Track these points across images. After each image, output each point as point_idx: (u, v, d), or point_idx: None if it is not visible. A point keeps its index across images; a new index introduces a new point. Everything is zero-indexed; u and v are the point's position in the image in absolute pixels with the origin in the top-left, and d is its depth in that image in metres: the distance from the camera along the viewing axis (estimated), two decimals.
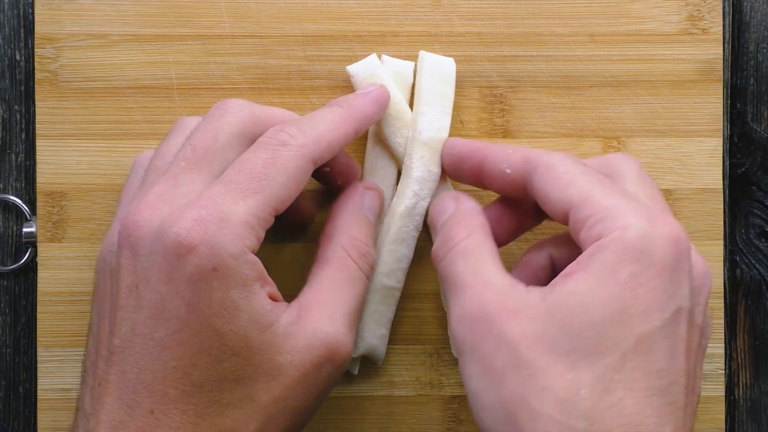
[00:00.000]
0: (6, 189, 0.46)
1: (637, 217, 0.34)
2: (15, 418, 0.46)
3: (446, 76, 0.43)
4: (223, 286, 0.34)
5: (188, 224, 0.34)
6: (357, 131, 0.40)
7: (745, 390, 0.47)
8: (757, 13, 0.47)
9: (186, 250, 0.34)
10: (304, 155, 0.37)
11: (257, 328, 0.35)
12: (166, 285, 0.34)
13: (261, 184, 0.36)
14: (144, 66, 0.45)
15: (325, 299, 0.38)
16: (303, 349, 0.36)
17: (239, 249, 0.34)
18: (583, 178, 0.36)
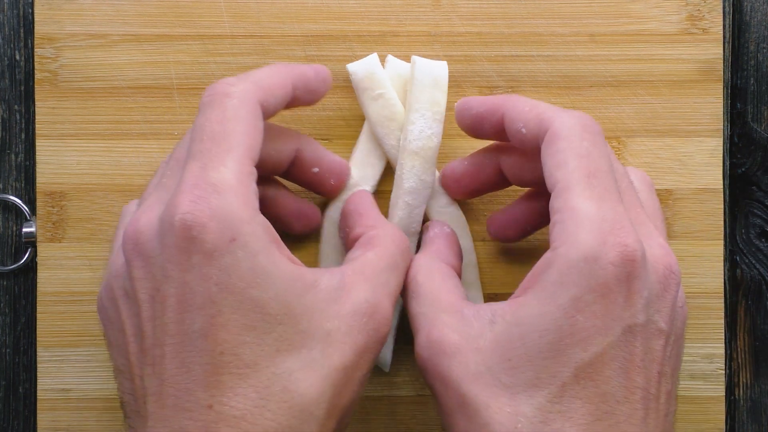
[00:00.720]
0: (6, 189, 0.46)
1: (591, 233, 0.33)
2: (15, 418, 0.46)
3: (438, 80, 0.42)
4: (248, 254, 0.33)
5: (188, 206, 0.33)
6: (294, 86, 0.39)
7: (745, 390, 0.47)
8: (757, 13, 0.47)
9: (198, 230, 0.32)
10: (249, 99, 0.36)
11: (296, 292, 0.33)
12: (189, 272, 0.33)
13: (227, 142, 0.34)
14: (144, 66, 0.45)
15: (369, 274, 0.36)
16: (349, 316, 0.35)
17: (248, 212, 0.33)
18: (575, 162, 0.35)
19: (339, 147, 0.45)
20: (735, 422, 0.47)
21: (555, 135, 0.36)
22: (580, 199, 0.34)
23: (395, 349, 0.45)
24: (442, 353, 0.35)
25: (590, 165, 0.35)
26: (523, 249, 0.45)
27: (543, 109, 0.38)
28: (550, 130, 0.36)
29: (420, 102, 0.42)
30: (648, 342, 0.34)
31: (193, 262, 0.33)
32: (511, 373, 0.34)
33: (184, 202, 0.33)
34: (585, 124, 0.36)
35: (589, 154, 0.35)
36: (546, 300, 0.34)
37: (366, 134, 0.44)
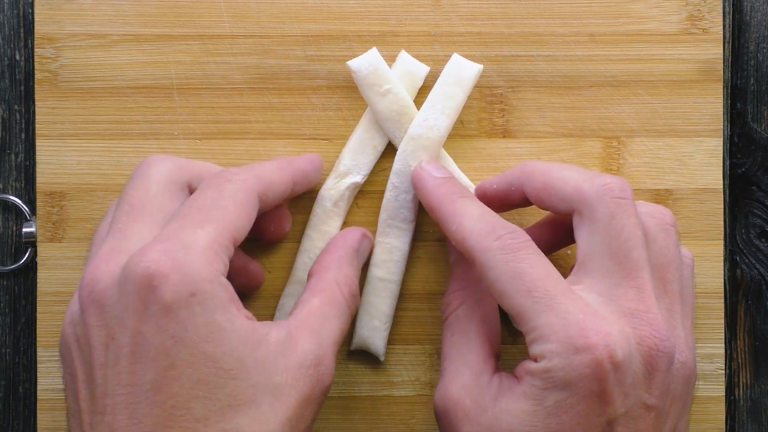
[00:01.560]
0: (6, 189, 0.46)
1: (560, 344, 0.35)
2: (15, 418, 0.46)
3: (462, 79, 0.43)
4: (205, 310, 0.33)
5: (155, 255, 0.33)
6: (295, 182, 0.41)
7: (745, 390, 0.47)
8: (757, 13, 0.47)
9: (159, 280, 0.33)
10: (249, 188, 0.38)
11: (249, 347, 0.34)
12: (145, 323, 0.33)
13: (213, 214, 0.36)
14: (144, 66, 0.45)
15: (314, 326, 0.38)
16: (296, 369, 0.36)
17: (211, 273, 0.34)
18: (513, 286, 0.36)
19: (339, 147, 0.45)
20: (735, 422, 0.47)
21: (483, 267, 0.37)
22: (536, 316, 0.36)
23: (395, 349, 0.45)
24: (455, 415, 0.38)
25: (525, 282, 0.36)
26: None
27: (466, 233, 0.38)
28: (476, 262, 0.38)
29: (436, 94, 0.43)
30: (635, 424, 0.36)
31: (151, 312, 0.33)
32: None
33: (152, 252, 0.34)
34: (505, 246, 0.37)
35: (521, 273, 0.37)
36: (533, 401, 0.36)
37: (363, 126, 0.44)
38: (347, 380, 0.45)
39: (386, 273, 0.43)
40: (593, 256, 0.38)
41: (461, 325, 0.40)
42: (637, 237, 0.37)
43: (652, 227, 0.39)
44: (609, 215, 0.37)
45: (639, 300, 0.37)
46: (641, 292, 0.37)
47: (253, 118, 0.45)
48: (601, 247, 0.37)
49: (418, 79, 0.44)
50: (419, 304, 0.45)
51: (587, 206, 0.38)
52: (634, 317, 0.36)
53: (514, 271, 0.37)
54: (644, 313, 0.37)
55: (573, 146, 0.45)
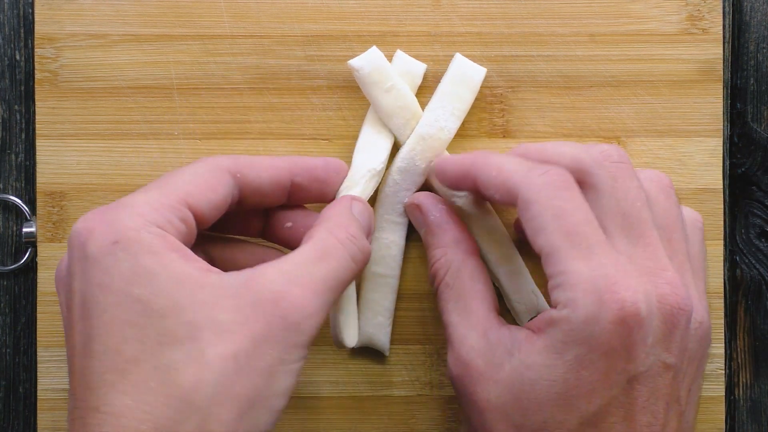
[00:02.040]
0: (6, 189, 0.46)
1: (587, 296, 0.35)
2: (15, 418, 0.46)
3: (470, 81, 0.43)
4: (130, 255, 0.34)
5: (89, 216, 0.35)
6: (292, 172, 0.40)
7: (745, 390, 0.47)
8: (757, 13, 0.47)
9: (85, 236, 0.34)
10: (215, 162, 0.38)
11: (187, 288, 0.34)
12: (80, 280, 0.34)
13: (163, 182, 0.36)
14: (144, 66, 0.45)
15: (288, 268, 0.35)
16: (248, 306, 0.34)
17: (138, 222, 0.34)
18: (554, 224, 0.36)
19: (339, 147, 0.45)
20: (735, 422, 0.47)
21: (525, 201, 0.37)
22: (568, 261, 0.35)
23: (395, 349, 0.45)
24: (469, 377, 0.38)
25: (567, 223, 0.36)
26: None
27: (509, 173, 0.38)
28: (519, 197, 0.37)
29: (444, 94, 0.43)
30: (654, 382, 0.36)
31: (82, 268, 0.34)
32: (522, 414, 0.36)
33: (88, 214, 0.35)
34: (550, 181, 0.37)
35: (563, 212, 0.36)
36: (553, 354, 0.35)
37: (369, 123, 0.44)
38: (347, 380, 0.45)
39: (385, 268, 0.44)
40: (605, 219, 0.37)
41: (453, 291, 0.40)
42: (642, 198, 0.38)
43: (653, 190, 0.40)
44: (612, 179, 0.38)
45: (655, 259, 0.37)
46: (656, 252, 0.37)
47: (253, 118, 0.45)
48: (611, 210, 0.37)
49: (417, 77, 0.44)
50: (419, 303, 0.45)
51: (589, 174, 0.38)
52: (654, 275, 0.36)
53: (557, 209, 0.36)
54: (662, 271, 0.37)
55: None
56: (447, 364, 0.39)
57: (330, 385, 0.45)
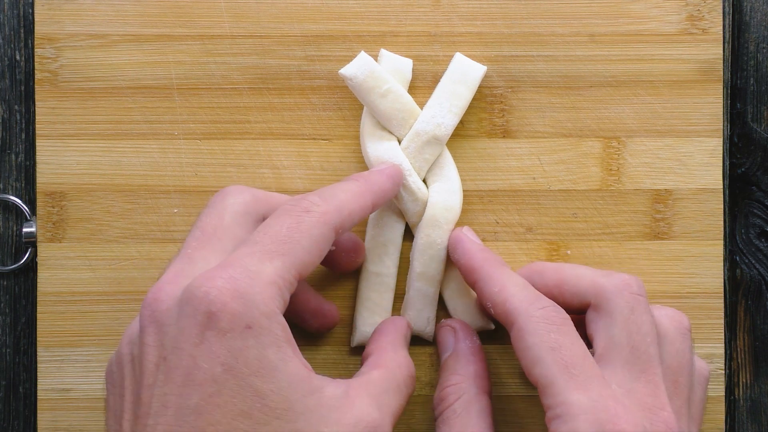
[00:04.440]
0: (6, 189, 0.46)
1: (590, 425, 0.35)
2: (15, 418, 0.46)
3: (468, 79, 0.43)
4: (259, 344, 0.33)
5: (218, 282, 0.33)
6: (375, 205, 0.40)
7: (745, 390, 0.47)
8: (757, 13, 0.47)
9: (218, 307, 0.33)
10: (326, 222, 0.37)
11: (300, 392, 0.33)
12: (198, 347, 0.33)
13: (286, 247, 0.35)
14: (144, 66, 0.45)
15: (375, 392, 0.36)
16: (351, 425, 0.34)
17: (271, 308, 0.34)
18: (551, 357, 0.36)
19: (339, 147, 0.45)
20: (735, 422, 0.47)
21: (521, 331, 0.37)
22: (567, 392, 0.36)
23: None
24: None
25: (564, 356, 0.37)
26: None
27: (510, 296, 0.39)
28: (516, 325, 0.38)
29: (443, 92, 0.43)
30: None
31: (205, 337, 0.33)
32: None
33: (216, 278, 0.33)
34: (548, 316, 0.38)
35: (560, 346, 0.37)
36: None
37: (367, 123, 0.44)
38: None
39: (382, 267, 0.44)
40: (613, 349, 0.38)
41: (459, 421, 0.40)
42: (653, 334, 0.38)
43: (671, 329, 0.40)
44: (629, 309, 0.38)
45: (655, 396, 0.37)
46: (657, 389, 0.37)
47: (253, 118, 0.45)
48: (621, 339, 0.38)
49: (407, 73, 0.44)
50: None
51: (606, 300, 0.39)
52: (651, 413, 0.37)
53: (554, 342, 0.37)
54: (659, 410, 0.37)
55: (573, 146, 0.45)
56: None
57: None
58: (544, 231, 0.45)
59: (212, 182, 0.45)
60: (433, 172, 0.44)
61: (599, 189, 0.45)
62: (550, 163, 0.45)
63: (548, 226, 0.45)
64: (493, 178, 0.45)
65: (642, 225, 0.45)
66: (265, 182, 0.45)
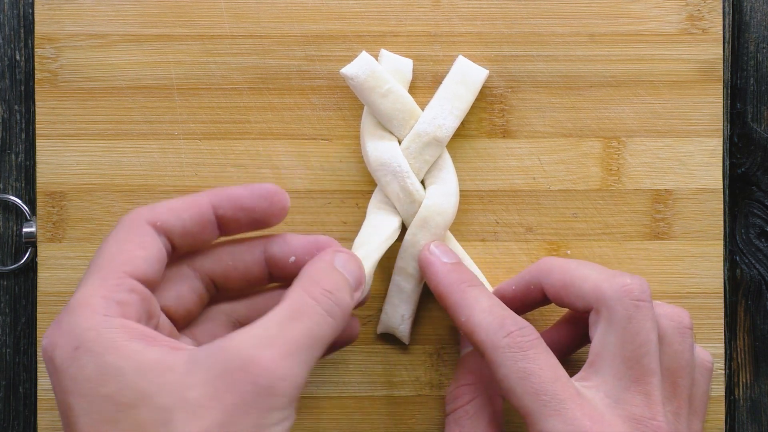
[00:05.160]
0: (6, 189, 0.46)
1: None
2: (15, 418, 0.46)
3: (470, 81, 0.44)
4: (93, 356, 0.34)
5: (50, 331, 0.35)
6: (216, 206, 0.38)
7: (745, 390, 0.47)
8: (757, 13, 0.47)
9: (51, 349, 0.34)
10: (132, 220, 0.37)
11: (152, 375, 0.33)
12: (57, 392, 0.34)
13: (98, 262, 0.36)
14: (144, 66, 0.45)
15: (257, 332, 0.34)
16: (216, 378, 0.33)
17: (95, 320, 0.34)
18: (521, 387, 0.37)
19: (339, 147, 0.45)
20: (735, 422, 0.47)
21: (492, 363, 0.38)
22: (542, 421, 0.36)
23: (395, 349, 0.45)
24: None
25: (534, 384, 0.37)
26: None
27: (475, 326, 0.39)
28: (486, 358, 0.38)
29: (444, 93, 0.43)
30: None
31: (54, 380, 0.34)
32: None
33: (48, 329, 0.35)
34: (514, 344, 0.38)
35: (528, 374, 0.37)
36: None
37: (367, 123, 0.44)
38: (347, 380, 0.45)
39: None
40: (605, 356, 0.38)
41: (469, 422, 0.40)
42: (651, 342, 0.38)
43: (670, 330, 0.40)
44: (627, 318, 0.38)
45: (646, 406, 0.37)
46: (649, 399, 0.37)
47: (253, 118, 0.45)
48: (614, 349, 0.38)
49: (407, 73, 0.44)
50: (419, 303, 0.45)
51: (605, 306, 0.38)
52: (639, 424, 0.37)
53: (522, 371, 0.37)
54: (649, 420, 0.37)
55: (573, 146, 0.45)
56: None
57: (330, 385, 0.45)
58: (544, 231, 0.45)
59: (212, 182, 0.45)
60: (431, 174, 0.44)
61: (599, 189, 0.45)
62: (550, 163, 0.45)
63: (548, 226, 0.45)
64: (493, 178, 0.45)
65: (642, 225, 0.45)
66: (265, 182, 0.45)
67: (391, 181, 0.43)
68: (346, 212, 0.45)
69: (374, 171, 0.43)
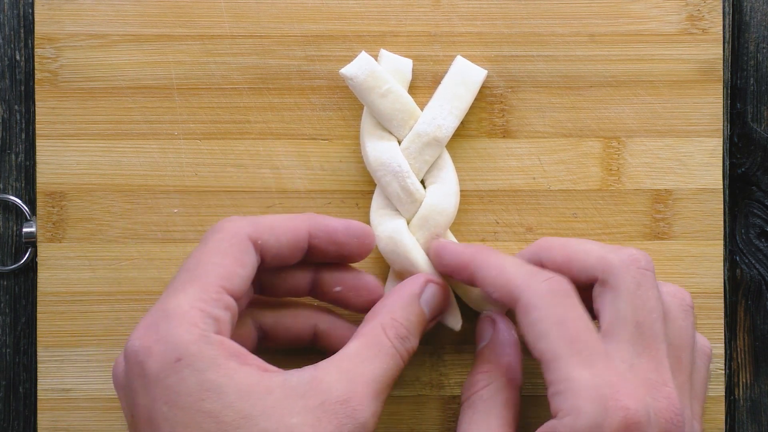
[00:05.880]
0: (6, 189, 0.46)
1: (591, 403, 0.35)
2: (15, 418, 0.46)
3: (469, 81, 0.44)
4: (195, 371, 0.34)
5: (140, 332, 0.35)
6: (312, 234, 0.40)
7: (745, 390, 0.47)
8: (757, 13, 0.47)
9: (144, 354, 0.34)
10: (235, 233, 0.38)
11: (254, 397, 0.34)
12: (144, 396, 0.35)
13: (196, 272, 0.36)
14: (144, 66, 0.45)
15: (345, 366, 0.36)
16: (318, 408, 0.35)
17: (196, 334, 0.35)
18: (555, 331, 0.36)
19: (339, 147, 0.45)
20: (735, 422, 0.47)
21: (527, 306, 0.37)
22: (571, 368, 0.36)
23: None
24: None
25: (569, 330, 0.36)
26: None
27: (511, 275, 0.39)
28: (520, 301, 0.38)
29: (444, 94, 0.43)
30: None
31: (145, 384, 0.35)
32: None
33: (138, 328, 0.36)
34: (552, 288, 0.37)
35: (565, 320, 0.37)
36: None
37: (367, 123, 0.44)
38: None
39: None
40: (618, 324, 0.38)
41: (485, 405, 0.40)
42: (658, 310, 0.38)
43: (674, 307, 0.40)
44: (636, 285, 0.38)
45: (657, 372, 0.37)
46: (660, 365, 0.37)
47: (253, 118, 0.45)
48: (626, 315, 0.37)
49: (407, 73, 0.44)
50: None
51: (613, 275, 0.38)
52: (653, 388, 0.37)
53: (560, 316, 0.37)
54: (662, 385, 0.37)
55: (573, 146, 0.45)
56: None
57: None
58: (544, 231, 0.45)
59: (212, 182, 0.45)
60: (431, 174, 0.44)
61: (599, 189, 0.45)
62: (550, 163, 0.45)
63: (548, 226, 0.45)
64: (493, 178, 0.45)
65: (642, 225, 0.45)
66: (265, 182, 0.45)
67: (391, 182, 0.43)
68: (346, 212, 0.45)
69: (374, 171, 0.43)
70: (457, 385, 0.45)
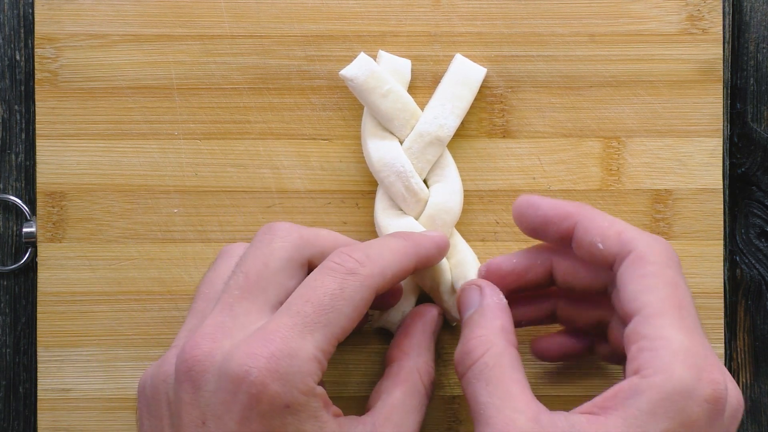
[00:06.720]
0: (6, 189, 0.46)
1: (686, 368, 0.34)
2: (15, 418, 0.46)
3: (470, 81, 0.44)
4: (296, 420, 0.34)
5: (259, 362, 0.34)
6: (416, 269, 0.40)
7: (745, 390, 0.47)
8: (757, 13, 0.47)
9: (258, 389, 0.34)
10: (370, 286, 0.37)
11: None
12: (239, 423, 0.34)
13: (328, 317, 0.35)
14: (144, 66, 0.45)
15: (397, 420, 0.38)
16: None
17: (309, 386, 0.35)
18: (666, 291, 0.35)
19: (339, 147, 0.45)
20: None
21: (642, 258, 0.36)
22: (672, 329, 0.34)
23: None
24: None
25: (679, 296, 0.36)
26: None
27: (623, 227, 0.38)
28: (635, 252, 0.36)
29: (444, 93, 0.43)
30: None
31: (245, 415, 0.34)
32: None
33: (256, 355, 0.34)
34: (669, 252, 0.37)
35: (677, 285, 0.36)
36: (634, 428, 0.33)
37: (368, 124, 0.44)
38: (347, 380, 0.45)
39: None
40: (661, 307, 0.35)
41: (493, 373, 0.36)
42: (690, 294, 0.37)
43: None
44: (666, 264, 0.36)
45: (705, 346, 0.35)
46: (703, 339, 0.36)
47: (253, 118, 0.45)
48: (665, 296, 0.36)
49: (406, 73, 0.44)
50: (419, 301, 0.45)
51: (638, 251, 0.37)
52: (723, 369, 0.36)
53: (672, 278, 0.36)
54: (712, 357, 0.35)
55: (573, 146, 0.45)
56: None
57: (330, 385, 0.45)
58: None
59: (212, 182, 0.45)
60: (434, 173, 0.44)
61: (599, 189, 0.45)
62: (550, 163, 0.45)
63: None
64: (493, 178, 0.45)
65: (642, 225, 0.45)
66: (265, 182, 0.45)
67: (395, 182, 0.43)
68: (346, 212, 0.45)
69: (377, 172, 0.43)
70: (457, 385, 0.45)
